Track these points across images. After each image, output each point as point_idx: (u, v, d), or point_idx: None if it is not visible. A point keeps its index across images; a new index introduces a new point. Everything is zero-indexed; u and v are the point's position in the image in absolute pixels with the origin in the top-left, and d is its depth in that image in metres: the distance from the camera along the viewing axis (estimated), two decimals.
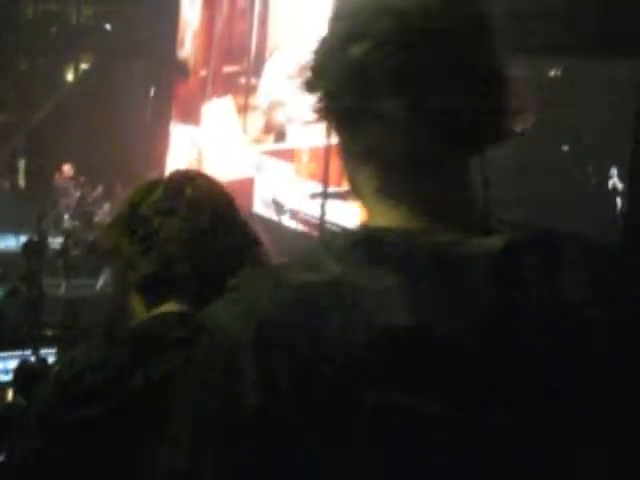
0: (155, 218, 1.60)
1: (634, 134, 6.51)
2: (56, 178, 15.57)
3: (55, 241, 12.32)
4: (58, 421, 1.59)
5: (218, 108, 14.30)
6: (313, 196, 9.80)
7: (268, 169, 12.64)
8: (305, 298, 0.87)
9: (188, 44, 15.80)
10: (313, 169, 10.63)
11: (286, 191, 11.87)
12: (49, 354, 7.99)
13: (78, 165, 15.64)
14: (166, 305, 1.68)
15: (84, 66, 18.33)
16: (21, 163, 17.52)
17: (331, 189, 9.25)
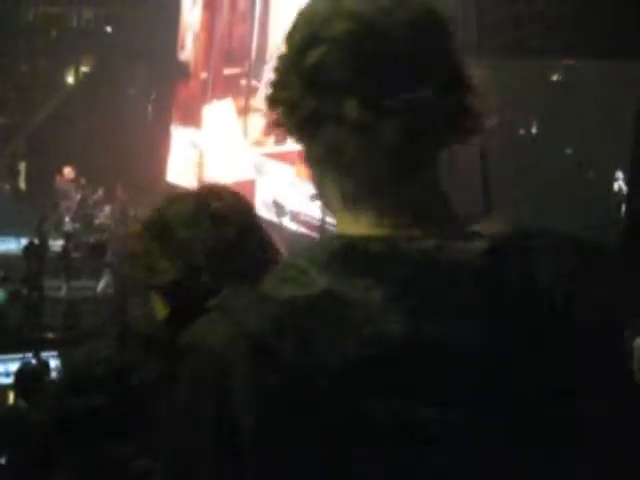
0: (182, 229, 1.65)
1: (635, 135, 6.52)
2: (57, 181, 15.58)
3: (56, 243, 12.33)
4: (66, 410, 1.65)
5: (219, 110, 14.31)
6: (314, 198, 9.79)
7: (269, 171, 12.65)
8: (294, 313, 0.85)
9: (189, 47, 15.82)
10: None
11: (287, 193, 11.88)
12: (50, 357, 8.02)
13: (79, 168, 15.65)
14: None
15: (85, 69, 18.37)
16: (22, 166, 17.55)
17: None
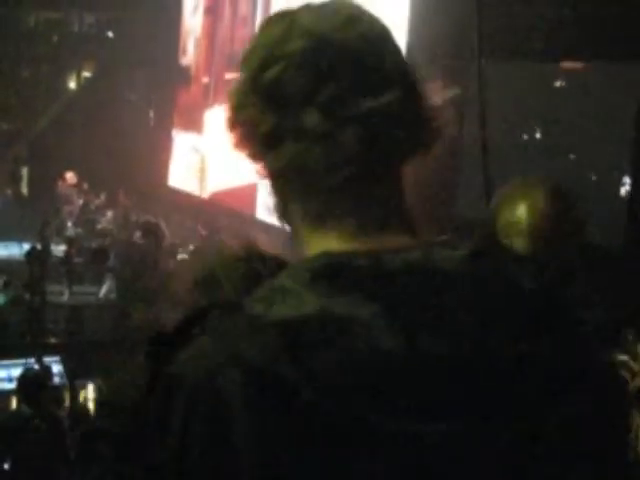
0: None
1: (636, 137, 6.51)
2: (59, 186, 15.60)
3: (58, 249, 12.33)
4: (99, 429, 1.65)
5: (220, 115, 14.32)
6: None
7: None
8: (287, 335, 0.84)
9: (190, 51, 15.85)
10: None
11: None
12: (53, 362, 8.02)
13: (81, 173, 15.66)
14: None
15: (86, 74, 18.38)
16: (24, 171, 17.57)
17: None
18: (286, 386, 0.82)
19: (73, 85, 18.56)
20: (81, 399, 7.88)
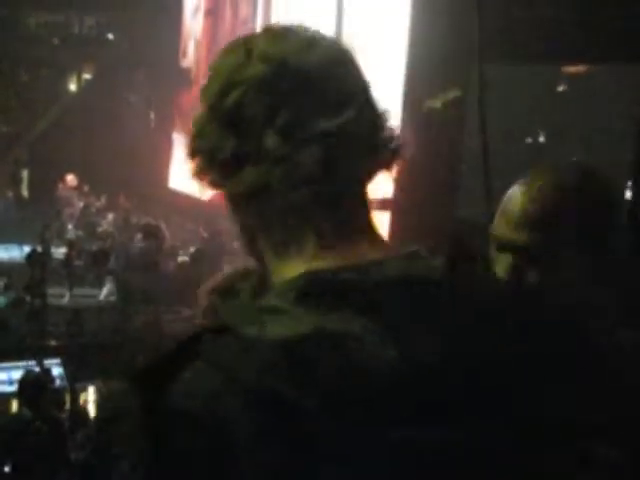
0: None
1: (638, 140, 6.51)
2: (59, 188, 15.59)
3: (59, 251, 12.33)
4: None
5: None
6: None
7: None
8: (285, 354, 0.84)
9: (191, 53, 15.85)
10: None
11: None
12: (53, 364, 8.01)
13: (81, 175, 15.66)
14: None
15: (87, 76, 18.39)
16: (24, 173, 17.57)
17: None
18: (286, 404, 0.82)
19: (73, 87, 18.56)
20: (81, 402, 7.87)
